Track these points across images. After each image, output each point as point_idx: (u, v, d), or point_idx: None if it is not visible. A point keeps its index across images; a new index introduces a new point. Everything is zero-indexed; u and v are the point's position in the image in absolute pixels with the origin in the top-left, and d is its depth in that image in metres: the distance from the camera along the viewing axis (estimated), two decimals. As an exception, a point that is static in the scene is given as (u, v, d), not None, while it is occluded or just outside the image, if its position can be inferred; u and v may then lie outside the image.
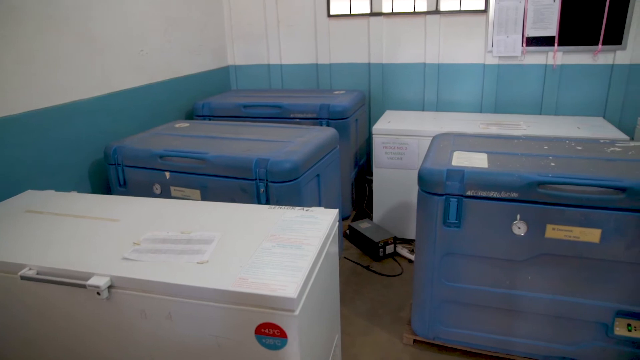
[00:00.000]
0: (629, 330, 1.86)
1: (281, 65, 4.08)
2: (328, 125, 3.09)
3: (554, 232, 1.79)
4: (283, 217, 1.67)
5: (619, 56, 3.26)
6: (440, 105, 3.70)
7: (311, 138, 2.42)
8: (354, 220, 3.32)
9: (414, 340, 2.23)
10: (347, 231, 3.21)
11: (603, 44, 3.26)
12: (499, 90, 3.55)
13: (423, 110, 3.73)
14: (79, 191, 2.46)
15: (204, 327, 1.33)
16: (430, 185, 1.84)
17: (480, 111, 3.60)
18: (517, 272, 1.89)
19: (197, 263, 1.40)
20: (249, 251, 1.45)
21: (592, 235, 1.75)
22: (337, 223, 1.71)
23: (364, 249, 3.05)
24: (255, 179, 2.15)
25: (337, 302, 1.85)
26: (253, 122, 3.15)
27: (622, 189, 1.68)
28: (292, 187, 2.13)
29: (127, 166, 2.44)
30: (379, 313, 2.46)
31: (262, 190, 2.16)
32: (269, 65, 4.11)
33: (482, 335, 2.06)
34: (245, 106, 3.30)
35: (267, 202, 2.16)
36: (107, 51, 2.71)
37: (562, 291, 1.88)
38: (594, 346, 1.92)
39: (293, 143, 2.34)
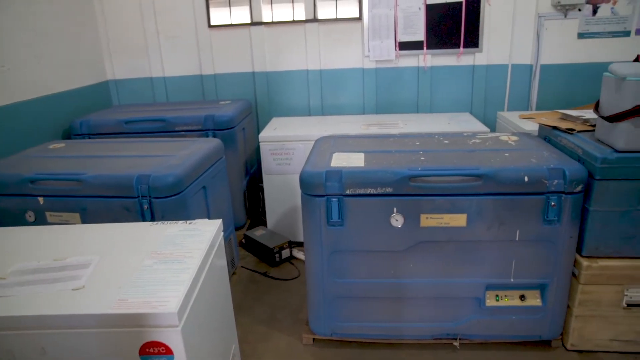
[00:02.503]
0: (497, 300, 2.07)
1: (164, 78, 3.98)
2: (214, 136, 3.07)
3: (427, 220, 1.94)
4: (165, 233, 1.64)
5: (477, 58, 3.61)
6: (325, 110, 3.84)
7: (195, 150, 2.40)
8: (249, 228, 3.32)
9: (314, 339, 2.29)
10: (243, 240, 3.21)
11: (464, 47, 3.60)
12: (379, 92, 3.76)
13: (309, 115, 3.84)
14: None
15: (84, 356, 1.27)
16: (311, 187, 1.92)
17: (363, 113, 3.80)
18: (399, 261, 2.02)
19: (72, 290, 1.33)
20: (129, 271, 1.41)
21: (460, 220, 1.93)
22: (222, 233, 1.71)
23: (260, 256, 3.07)
24: (138, 196, 2.08)
25: (231, 312, 1.85)
26: (136, 138, 3.04)
27: (480, 176, 1.87)
28: (177, 201, 2.10)
29: (-7, 195, 2.24)
30: (279, 317, 2.50)
31: (145, 207, 2.09)
32: (151, 79, 3.98)
33: (375, 325, 2.17)
34: (127, 122, 3.17)
35: (153, 219, 2.10)
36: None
37: (440, 274, 2.05)
38: (471, 319, 2.12)
39: (176, 157, 2.30)
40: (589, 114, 2.34)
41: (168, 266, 1.43)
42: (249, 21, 3.73)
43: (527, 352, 2.16)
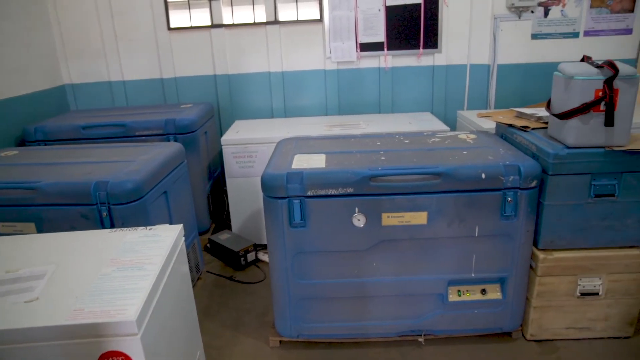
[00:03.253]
0: (459, 295, 2.12)
1: (124, 82, 3.89)
2: (176, 140, 3.03)
3: (389, 219, 1.97)
4: (124, 240, 1.61)
5: (437, 58, 3.69)
6: (288, 112, 3.84)
7: (155, 155, 2.36)
8: (213, 233, 3.29)
9: (280, 342, 2.28)
10: (208, 245, 3.17)
11: (424, 48, 3.66)
12: (341, 93, 3.79)
13: (272, 117, 3.83)
14: None
15: (39, 370, 1.23)
16: (273, 189, 1.92)
17: (326, 114, 3.81)
18: (362, 261, 2.04)
19: (25, 302, 1.29)
20: (86, 280, 1.37)
21: (420, 218, 1.97)
22: (183, 238, 1.69)
23: (225, 260, 3.04)
24: (96, 204, 2.04)
25: (195, 317, 1.83)
26: (95, 144, 2.96)
27: (439, 174, 1.91)
28: (137, 207, 2.06)
29: (-61, 207, 2.14)
30: (245, 321, 2.48)
31: (104, 214, 2.05)
32: (110, 83, 3.89)
33: (341, 324, 2.19)
34: (84, 127, 3.09)
35: (112, 226, 2.06)
36: None
37: (403, 272, 2.08)
38: (435, 315, 2.16)
39: (135, 162, 2.25)
40: (542, 111, 2.42)
41: (127, 273, 1.40)
42: (209, 23, 3.69)
43: (489, 344, 2.22)
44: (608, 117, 1.88)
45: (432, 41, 3.64)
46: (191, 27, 3.72)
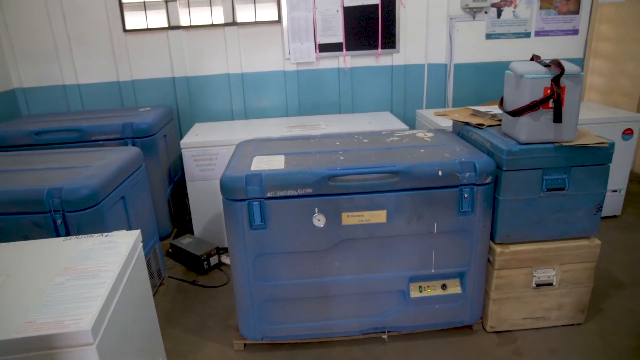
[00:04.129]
0: (420, 291, 2.16)
1: (79, 85, 3.78)
2: (134, 144, 2.97)
3: (349, 219, 1.98)
4: (79, 247, 1.57)
5: (395, 58, 3.74)
6: (248, 113, 3.82)
7: (112, 160, 2.30)
8: (175, 237, 3.24)
9: (245, 345, 2.27)
10: (170, 249, 3.12)
11: (382, 48, 3.71)
12: (301, 94, 3.79)
13: (232, 119, 3.80)
14: None
15: (-12, 386, 1.19)
16: (232, 192, 1.90)
17: (286, 115, 3.81)
18: (323, 260, 2.05)
19: (-28, 315, 1.24)
20: (38, 291, 1.33)
21: (380, 216, 1.99)
22: (141, 244, 1.66)
23: (188, 265, 3.00)
24: (50, 211, 1.97)
25: (156, 324, 1.80)
26: (48, 150, 2.87)
27: (396, 173, 1.94)
28: (93, 213, 2.01)
29: None
30: (209, 325, 2.45)
31: (59, 222, 1.99)
32: (64, 86, 3.77)
33: (305, 325, 2.19)
34: (37, 133, 2.99)
35: (68, 234, 2.00)
36: None
37: (364, 270, 2.10)
38: (397, 312, 2.19)
39: (91, 167, 2.20)
40: (496, 109, 2.49)
41: (82, 282, 1.36)
42: (166, 25, 3.63)
43: (451, 337, 2.27)
44: (556, 114, 1.95)
45: (390, 41, 3.69)
46: (148, 29, 3.65)
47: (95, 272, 1.41)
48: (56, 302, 1.27)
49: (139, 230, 1.67)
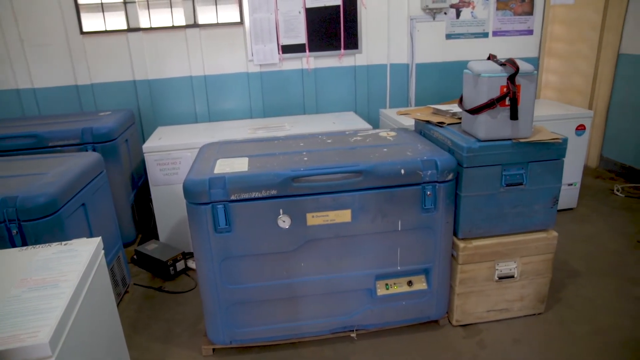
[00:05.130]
0: (387, 289, 2.18)
1: (34, 90, 3.66)
2: (94, 149, 2.89)
3: (313, 219, 1.99)
4: (36, 257, 1.52)
5: (358, 59, 3.78)
6: (212, 116, 3.78)
7: (71, 166, 2.24)
8: (140, 243, 3.18)
9: (214, 350, 2.24)
10: (135, 256, 3.06)
11: (345, 48, 3.74)
12: (265, 95, 3.78)
13: (196, 122, 3.76)
14: None
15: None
16: (196, 195, 1.88)
17: (251, 117, 3.80)
18: (290, 262, 2.05)
19: None
20: (-8, 304, 1.28)
21: (344, 215, 2.01)
22: (102, 251, 1.62)
23: (154, 271, 2.95)
24: (4, 221, 1.91)
25: (120, 333, 1.76)
26: (3, 157, 2.76)
27: (360, 172, 1.96)
28: (52, 222, 1.95)
29: None
30: (177, 332, 2.42)
31: (15, 232, 1.92)
32: (18, 91, 3.65)
33: (273, 327, 2.18)
34: (-10, 140, 2.88)
35: (25, 244, 1.94)
36: None
37: (331, 270, 2.11)
38: (365, 310, 2.21)
39: (48, 174, 2.13)
40: (457, 107, 2.54)
41: (39, 293, 1.32)
42: (125, 27, 3.56)
43: (418, 333, 2.30)
44: (513, 111, 2.01)
45: (352, 42, 3.73)
46: (106, 31, 3.57)
47: (54, 283, 1.37)
48: (12, 315, 1.23)
49: (99, 238, 1.63)
